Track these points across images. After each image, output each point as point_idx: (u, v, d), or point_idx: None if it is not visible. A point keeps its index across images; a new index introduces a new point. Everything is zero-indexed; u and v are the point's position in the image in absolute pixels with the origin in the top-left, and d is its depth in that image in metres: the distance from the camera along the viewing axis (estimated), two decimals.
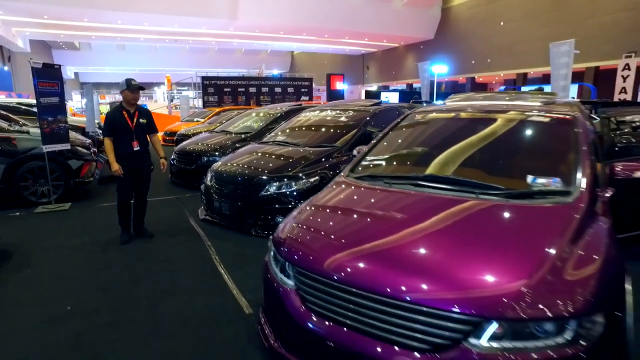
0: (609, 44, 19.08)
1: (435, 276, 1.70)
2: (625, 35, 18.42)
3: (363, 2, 22.67)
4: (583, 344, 1.51)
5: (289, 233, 2.21)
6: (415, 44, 26.48)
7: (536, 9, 20.91)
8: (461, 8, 24.30)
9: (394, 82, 28.89)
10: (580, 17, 19.78)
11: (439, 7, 24.94)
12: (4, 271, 3.38)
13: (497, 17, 22.57)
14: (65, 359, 2.22)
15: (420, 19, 24.64)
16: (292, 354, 2.04)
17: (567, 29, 20.32)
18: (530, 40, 21.59)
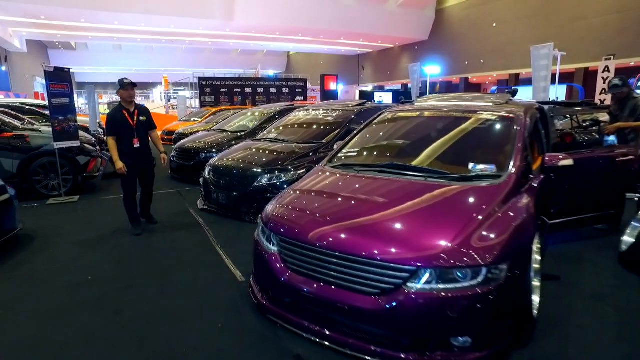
0: (597, 46, 19.67)
1: (384, 238, 2.24)
2: (612, 37, 19.03)
3: (358, 3, 23.20)
4: (491, 285, 2.06)
5: (273, 212, 2.75)
6: (410, 45, 27.06)
7: (527, 11, 21.53)
8: (455, 9, 24.90)
9: (389, 82, 29.47)
10: (569, 20, 20.38)
11: (433, 8, 25.52)
12: (30, 251, 3.90)
13: (490, 18, 23.17)
14: (92, 312, 2.75)
15: (415, 20, 25.20)
16: (275, 305, 2.59)
17: (557, 31, 20.96)
18: (521, 42, 22.14)
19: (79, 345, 2.40)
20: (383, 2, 23.65)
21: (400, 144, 3.37)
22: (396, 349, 2.14)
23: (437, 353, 2.10)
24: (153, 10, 21.19)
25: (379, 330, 2.18)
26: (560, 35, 20.60)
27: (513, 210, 2.41)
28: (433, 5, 25.37)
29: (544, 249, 3.63)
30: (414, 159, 3.10)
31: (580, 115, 4.87)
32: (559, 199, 3.57)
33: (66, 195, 5.88)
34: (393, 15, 24.26)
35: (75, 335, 2.49)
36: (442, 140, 3.20)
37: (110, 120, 4.25)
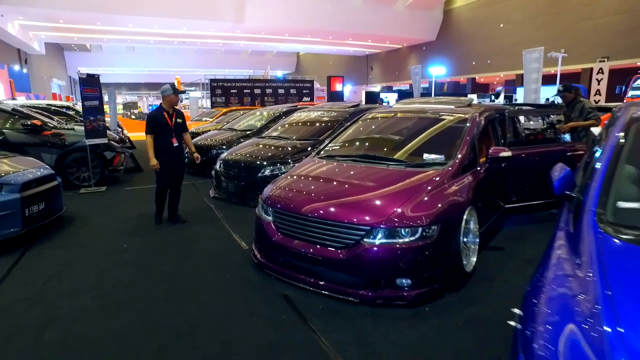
0: (602, 46, 20.10)
1: (350, 207, 3.08)
2: (618, 37, 19.44)
3: (366, 4, 23.93)
4: (425, 241, 2.88)
5: (270, 191, 3.61)
6: (418, 45, 27.76)
7: (534, 11, 22.04)
8: (462, 10, 25.51)
9: (397, 82, 30.20)
10: (576, 20, 20.83)
11: (440, 9, 26.15)
12: (74, 228, 4.83)
13: (497, 19, 23.73)
14: (129, 269, 3.63)
15: (423, 20, 25.88)
16: (270, 262, 3.44)
17: (563, 32, 21.45)
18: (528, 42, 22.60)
19: (121, 289, 3.28)
20: (391, 3, 24.35)
21: (373, 138, 4.22)
22: (357, 288, 2.97)
23: (386, 290, 2.93)
24: (165, 13, 22.22)
25: (344, 275, 3.01)
26: (567, 36, 21.10)
27: (450, 189, 3.22)
28: (441, 6, 26.00)
29: (499, 227, 4.44)
30: (383, 151, 3.92)
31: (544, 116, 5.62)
32: (521, 186, 4.35)
33: (95, 186, 6.82)
34: (401, 16, 24.96)
35: (117, 284, 3.37)
36: (407, 136, 4.02)
37: (150, 120, 4.71)
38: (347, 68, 33.91)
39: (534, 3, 22.06)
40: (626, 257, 1.54)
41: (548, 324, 1.35)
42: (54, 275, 3.53)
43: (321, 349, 2.46)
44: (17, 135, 6.47)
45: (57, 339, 2.59)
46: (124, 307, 2.98)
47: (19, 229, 4.16)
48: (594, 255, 1.56)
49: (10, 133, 6.46)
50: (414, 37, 26.62)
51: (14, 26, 22.76)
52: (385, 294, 2.92)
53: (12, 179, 4.21)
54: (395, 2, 24.41)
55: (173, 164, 4.84)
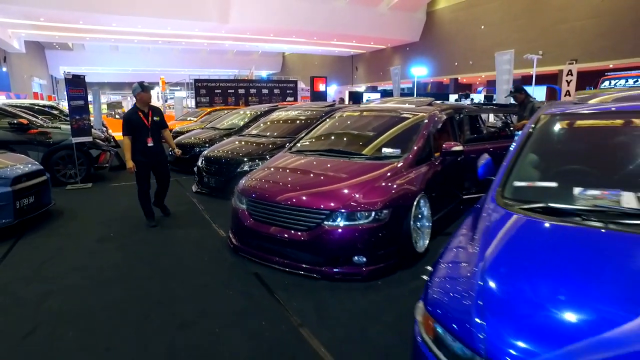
0: (577, 48, 20.97)
1: (313, 194, 3.53)
2: (592, 40, 20.33)
3: (349, 5, 24.45)
4: (378, 223, 3.34)
5: (244, 183, 4.05)
6: (402, 46, 28.39)
7: (512, 14, 22.85)
8: (445, 11, 26.22)
9: (382, 82, 30.78)
10: (552, 23, 21.66)
11: (424, 10, 26.82)
12: (63, 220, 5.19)
13: (478, 21, 24.49)
14: (115, 252, 4.03)
15: (406, 22, 26.50)
16: (244, 245, 3.87)
17: (541, 34, 22.29)
18: (508, 43, 23.38)
19: (108, 269, 3.68)
20: (374, 5, 24.91)
21: (340, 135, 4.69)
22: (318, 265, 3.42)
23: (344, 267, 3.39)
24: (149, 12, 22.35)
25: (307, 255, 3.46)
26: (544, 38, 21.94)
27: (402, 179, 3.70)
28: (424, 7, 26.67)
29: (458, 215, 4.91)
30: (347, 146, 4.39)
31: (502, 114, 6.17)
32: (477, 179, 4.84)
33: (81, 182, 7.15)
34: (384, 18, 25.54)
35: (104, 265, 3.77)
36: (370, 132, 4.49)
37: (126, 121, 4.67)
38: (333, 68, 34.44)
39: (511, 6, 22.86)
40: (506, 221, 2.01)
41: (442, 276, 1.80)
42: (47, 259, 3.91)
43: (283, 314, 2.91)
44: (3, 133, 6.76)
45: (54, 309, 2.98)
46: (112, 284, 3.39)
47: (11, 219, 4.51)
48: (485, 221, 2.03)
49: None
50: (398, 38, 27.24)
51: None
52: (343, 270, 3.38)
53: (3, 173, 4.56)
54: (378, 4, 24.98)
55: (154, 164, 4.82)
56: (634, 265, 1.60)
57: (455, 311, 1.53)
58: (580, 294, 1.46)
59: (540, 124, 2.70)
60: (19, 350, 2.52)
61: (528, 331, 1.35)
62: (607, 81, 13.35)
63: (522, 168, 2.44)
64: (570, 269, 1.59)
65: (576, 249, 1.72)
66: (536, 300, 1.47)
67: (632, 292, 1.41)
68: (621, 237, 1.71)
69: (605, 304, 1.39)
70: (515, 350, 1.30)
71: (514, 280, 1.60)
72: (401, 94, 18.90)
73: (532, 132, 2.66)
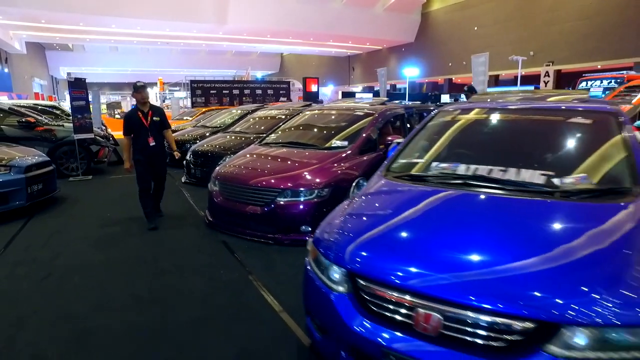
0: (567, 49, 21.80)
1: (269, 176, 4.47)
2: (580, 41, 21.14)
3: (345, 7, 25.39)
4: (320, 199, 4.28)
5: (218, 170, 5.01)
6: (397, 47, 29.31)
7: (504, 15, 23.71)
8: (439, 13, 27.14)
9: (377, 83, 31.76)
10: (542, 24, 22.50)
11: (419, 11, 27.73)
12: (67, 205, 6.17)
13: (471, 22, 25.38)
14: (113, 228, 4.98)
15: (401, 23, 27.42)
16: (216, 220, 4.83)
17: (531, 35, 23.15)
18: (500, 45, 24.27)
19: (106, 239, 4.63)
20: (370, 6, 25.84)
21: (301, 129, 5.65)
22: (272, 233, 4.36)
23: (292, 234, 4.33)
24: (148, 14, 23.33)
25: (264, 225, 4.40)
26: (535, 39, 22.80)
27: (344, 165, 4.64)
28: (419, 8, 27.58)
29: None
30: (306, 138, 5.34)
31: None
32: None
33: (82, 175, 8.12)
34: (380, 19, 26.47)
35: (103, 236, 4.72)
36: (325, 126, 5.45)
37: (126, 121, 4.87)
38: (330, 69, 35.41)
39: (503, 8, 23.72)
40: (377, 184, 2.91)
41: (326, 221, 2.70)
42: (55, 232, 4.87)
43: (239, 267, 3.85)
44: (13, 130, 7.75)
45: (63, 264, 3.94)
46: (108, 248, 4.34)
47: (24, 202, 5.48)
48: (367, 186, 2.96)
49: (8, 129, 7.74)
50: (393, 39, 28.15)
51: None
52: (291, 237, 4.32)
53: (17, 163, 5.53)
54: (374, 5, 25.91)
55: (152, 163, 4.96)
56: (445, 209, 2.49)
57: (325, 239, 2.43)
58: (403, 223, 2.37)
59: (433, 118, 3.63)
60: (39, 287, 3.47)
61: (360, 245, 2.22)
62: (584, 82, 14.23)
63: (409, 150, 3.36)
64: (404, 210, 2.49)
65: (415, 200, 2.63)
66: (370, 227, 2.38)
67: (439, 223, 2.28)
68: (445, 192, 2.62)
69: (419, 228, 2.29)
70: (350, 255, 2.15)
71: (361, 218, 2.52)
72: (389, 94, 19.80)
73: (425, 124, 3.59)
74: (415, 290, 1.85)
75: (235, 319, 2.94)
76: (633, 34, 18.43)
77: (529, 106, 3.28)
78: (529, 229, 2.09)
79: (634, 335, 1.56)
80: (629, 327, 1.56)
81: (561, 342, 1.60)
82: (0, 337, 2.74)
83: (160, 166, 5.13)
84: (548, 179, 2.46)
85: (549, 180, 2.46)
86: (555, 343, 1.60)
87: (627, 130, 2.72)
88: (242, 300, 3.21)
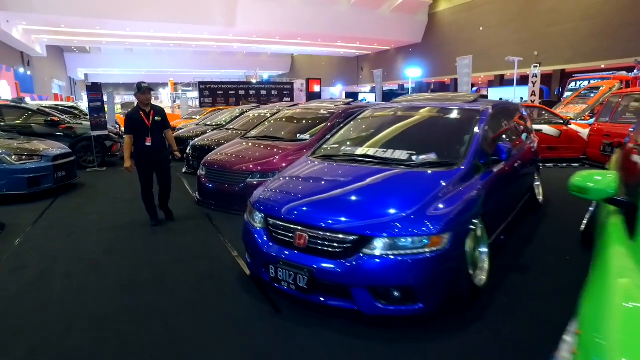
0: (570, 49, 22.59)
1: (242, 163, 5.81)
2: (584, 41, 21.92)
3: (352, 9, 26.68)
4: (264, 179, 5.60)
5: (206, 159, 6.36)
6: (405, 47, 30.46)
7: (508, 16, 24.63)
8: (445, 13, 28.18)
9: (386, 82, 32.86)
10: (545, 25, 23.33)
11: (425, 12, 28.83)
12: (86, 189, 7.65)
13: (477, 22, 26.35)
14: (121, 205, 6.40)
15: (408, 23, 28.58)
16: (203, 198, 6.21)
17: (534, 35, 24.01)
18: (505, 45, 25.15)
19: (115, 212, 6.04)
20: (376, 8, 27.07)
21: (275, 125, 6.99)
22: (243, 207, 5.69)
23: None
24: (161, 18, 25.02)
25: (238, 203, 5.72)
26: (537, 39, 23.65)
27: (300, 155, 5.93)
28: (425, 9, 28.68)
29: None
30: (279, 134, 6.67)
31: None
32: None
33: (98, 167, 9.62)
34: (387, 20, 27.67)
35: (112, 211, 6.13)
36: (295, 123, 6.78)
37: (127, 120, 5.09)
38: (339, 69, 36.71)
39: (507, 8, 24.62)
40: (300, 162, 4.18)
41: (260, 189, 4.00)
42: (76, 208, 6.32)
43: (214, 229, 5.18)
44: (40, 128, 9.29)
45: (83, 228, 5.37)
46: (117, 218, 5.75)
47: (52, 184, 6.94)
48: (296, 163, 4.25)
49: (36, 126, 9.30)
50: (401, 39, 29.28)
51: (18, 31, 25.73)
52: None
53: (47, 153, 7.00)
54: (380, 6, 27.12)
55: (154, 163, 5.18)
56: (332, 175, 3.73)
57: (254, 197, 3.73)
58: (301, 182, 3.66)
59: (355, 116, 4.91)
60: (66, 241, 4.89)
61: (271, 197, 3.54)
62: (573, 82, 15.20)
63: (332, 138, 4.63)
64: (308, 175, 3.77)
65: (317, 169, 3.90)
66: (282, 186, 3.67)
67: (323, 182, 3.58)
68: (347, 166, 3.88)
69: (321, 190, 3.58)
70: (264, 204, 3.47)
71: (279, 181, 3.82)
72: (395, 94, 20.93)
73: (348, 121, 4.86)
74: (293, 221, 3.14)
75: (202, 259, 4.28)
76: (636, 34, 19.16)
77: (420, 106, 4.54)
78: (379, 184, 3.36)
79: (411, 242, 2.80)
80: (407, 237, 2.81)
81: (370, 247, 2.86)
82: (43, 268, 4.13)
83: (162, 166, 5.28)
84: (410, 157, 3.72)
85: (410, 157, 3.72)
86: (368, 247, 2.87)
87: (479, 126, 3.94)
88: (210, 249, 4.55)
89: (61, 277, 3.88)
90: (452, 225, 2.89)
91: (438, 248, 2.80)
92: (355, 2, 25.90)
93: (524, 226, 4.99)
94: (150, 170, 5.21)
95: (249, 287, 3.60)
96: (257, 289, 3.52)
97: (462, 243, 3.00)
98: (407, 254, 2.78)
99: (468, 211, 3.13)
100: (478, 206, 3.26)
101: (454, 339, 2.80)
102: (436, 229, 2.82)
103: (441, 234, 2.82)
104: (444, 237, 2.82)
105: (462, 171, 3.40)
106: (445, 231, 2.83)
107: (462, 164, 3.48)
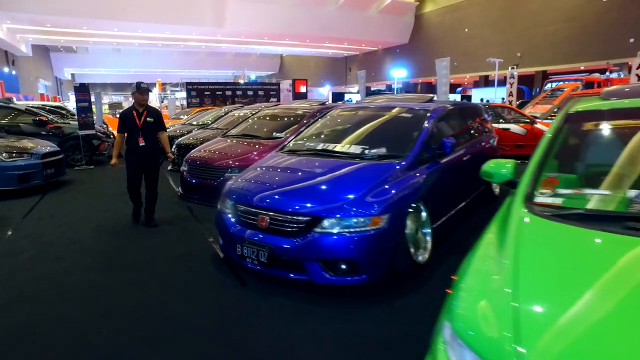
0: (551, 51, 23.37)
1: (221, 159, 6.33)
2: (563, 43, 22.71)
3: (340, 9, 27.26)
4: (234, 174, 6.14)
5: (189, 155, 6.87)
6: (392, 48, 31.12)
7: (492, 18, 25.38)
8: (431, 15, 28.90)
9: (374, 83, 33.52)
10: (528, 27, 24.11)
11: (412, 14, 29.52)
12: (74, 185, 8.10)
13: (462, 24, 27.10)
14: (108, 199, 6.87)
15: (395, 24, 29.23)
16: (185, 192, 6.72)
17: (517, 37, 24.77)
18: (489, 46, 25.89)
19: (103, 207, 6.51)
20: (364, 9, 27.69)
21: (254, 124, 7.52)
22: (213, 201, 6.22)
23: None
24: (149, 18, 25.38)
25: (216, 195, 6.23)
26: (520, 41, 24.43)
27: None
28: (412, 11, 29.36)
29: None
30: (255, 131, 7.20)
31: None
32: None
33: (86, 165, 10.06)
34: (374, 21, 28.29)
35: (100, 205, 6.60)
36: (272, 122, 7.32)
37: (121, 118, 5.22)
38: (327, 69, 37.29)
39: (491, 10, 25.38)
40: (271, 156, 4.72)
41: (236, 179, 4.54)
42: (65, 202, 6.79)
43: (194, 219, 5.69)
44: (29, 127, 9.71)
45: (72, 219, 5.85)
46: (105, 210, 6.23)
47: (41, 181, 7.39)
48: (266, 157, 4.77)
49: (24, 126, 9.71)
50: (388, 40, 29.92)
51: (2, 29, 25.80)
52: None
53: (36, 151, 7.45)
54: (368, 8, 27.75)
55: (142, 164, 5.23)
56: (294, 166, 4.27)
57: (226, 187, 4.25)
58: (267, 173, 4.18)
59: (322, 115, 5.45)
60: (56, 230, 5.36)
61: (240, 186, 4.07)
62: (549, 83, 15.90)
63: (299, 135, 5.16)
64: (273, 167, 4.30)
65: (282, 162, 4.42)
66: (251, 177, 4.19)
67: (285, 172, 4.11)
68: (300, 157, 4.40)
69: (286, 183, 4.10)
70: (234, 192, 4.00)
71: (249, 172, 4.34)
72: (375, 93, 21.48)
73: (316, 119, 5.40)
74: (258, 206, 3.67)
75: (181, 243, 4.79)
76: (614, 36, 19.96)
77: (381, 106, 5.09)
78: (333, 174, 3.90)
79: (354, 222, 3.34)
80: (351, 218, 3.35)
81: (321, 226, 3.39)
82: (35, 252, 4.62)
83: (151, 168, 5.30)
84: (363, 151, 4.27)
85: (363, 151, 4.26)
86: (318, 227, 3.40)
87: (428, 123, 4.50)
88: (189, 235, 5.07)
89: (54, 259, 4.36)
90: (391, 208, 3.44)
91: (378, 227, 3.34)
92: (343, 3, 26.50)
93: (478, 215, 5.55)
94: (139, 169, 5.27)
95: (220, 266, 4.13)
96: (227, 267, 4.05)
97: (402, 223, 3.55)
98: (352, 232, 3.33)
99: (408, 196, 3.68)
100: (419, 192, 3.81)
101: (394, 303, 3.35)
102: (376, 211, 3.37)
103: (380, 215, 3.37)
104: (382, 217, 3.37)
105: (407, 162, 3.96)
106: (384, 213, 3.38)
107: (407, 156, 4.03)
